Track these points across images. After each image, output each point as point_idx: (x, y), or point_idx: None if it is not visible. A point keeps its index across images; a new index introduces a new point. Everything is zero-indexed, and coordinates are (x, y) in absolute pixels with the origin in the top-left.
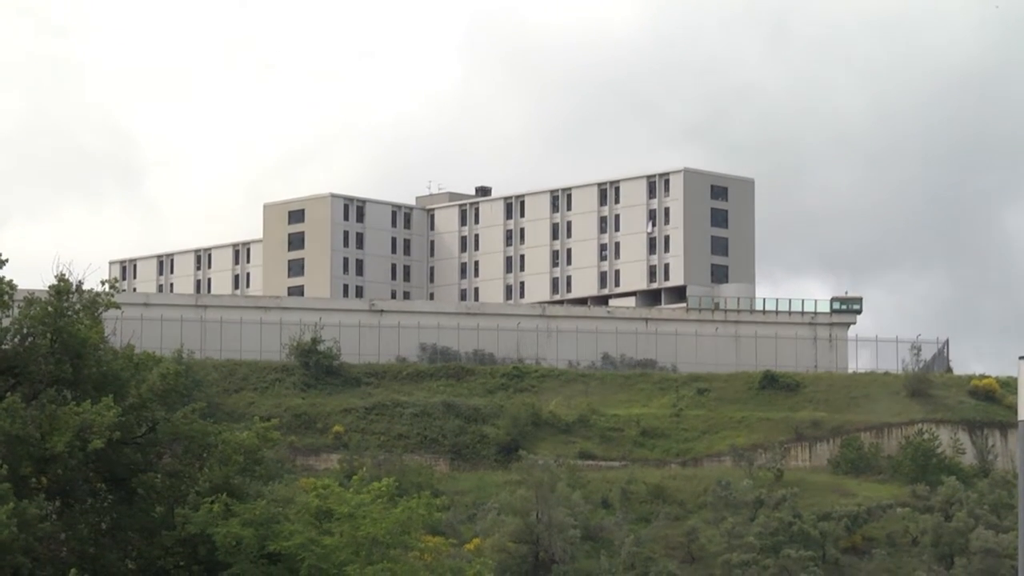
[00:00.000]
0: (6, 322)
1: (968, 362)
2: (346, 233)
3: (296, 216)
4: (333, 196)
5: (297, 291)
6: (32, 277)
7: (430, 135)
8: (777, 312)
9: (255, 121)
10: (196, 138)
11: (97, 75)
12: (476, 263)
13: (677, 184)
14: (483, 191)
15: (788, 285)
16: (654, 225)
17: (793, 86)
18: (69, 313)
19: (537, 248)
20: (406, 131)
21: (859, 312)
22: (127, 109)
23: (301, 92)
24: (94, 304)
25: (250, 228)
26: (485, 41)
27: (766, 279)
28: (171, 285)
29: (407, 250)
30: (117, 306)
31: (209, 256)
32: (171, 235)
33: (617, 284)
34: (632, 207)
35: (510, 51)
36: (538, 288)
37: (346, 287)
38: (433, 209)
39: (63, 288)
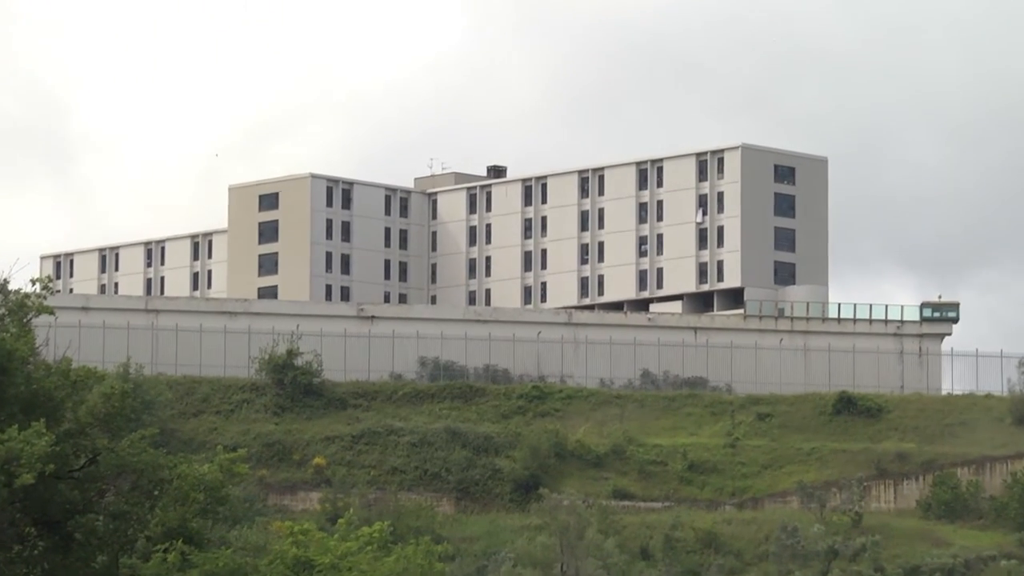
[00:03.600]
0: None
1: None
2: (329, 222)
3: (268, 201)
4: (313, 177)
5: (269, 293)
6: None
7: (431, 102)
8: (855, 320)
9: (215, 86)
10: (143, 107)
11: (25, 31)
12: (488, 259)
13: (733, 163)
14: (496, 171)
15: (860, 286)
16: (705, 213)
17: (871, 44)
18: None
19: (562, 241)
20: (401, 98)
21: (955, 321)
22: (59, 72)
23: (271, 50)
24: (22, 308)
25: (212, 216)
26: None
27: (836, 279)
28: (116, 285)
29: (403, 243)
30: (50, 310)
31: (162, 250)
32: (115, 224)
33: (660, 286)
34: (678, 191)
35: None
36: (563, 290)
37: (329, 288)
38: (435, 193)
39: None
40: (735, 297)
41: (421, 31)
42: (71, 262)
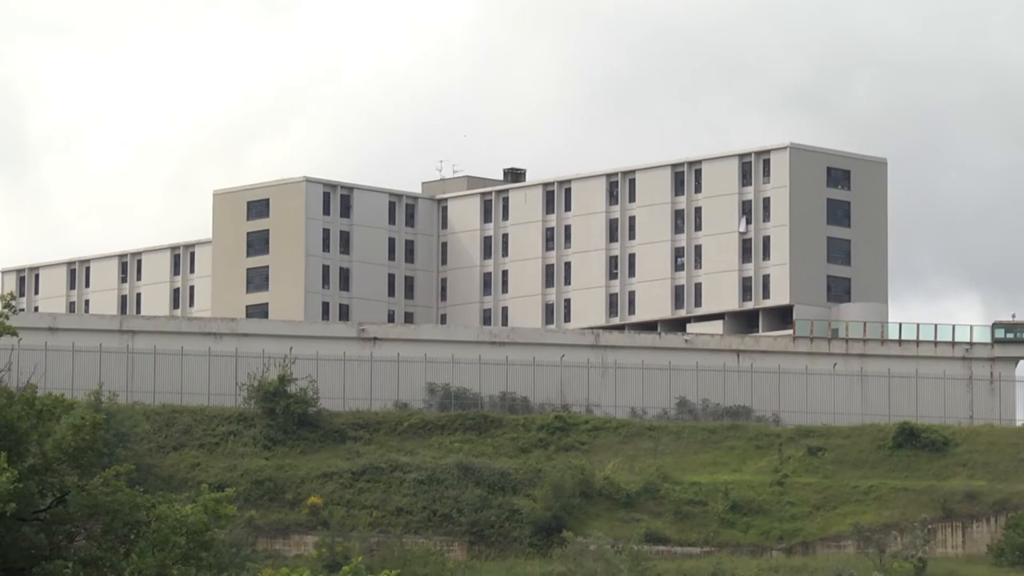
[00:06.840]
0: None
1: None
2: (326, 232)
3: (257, 208)
4: (308, 181)
5: (259, 311)
6: None
7: (440, 98)
8: (918, 343)
9: (194, 76)
10: (113, 100)
11: None
12: (504, 273)
13: (781, 165)
14: (514, 175)
15: (921, 304)
16: (749, 222)
17: (934, 33)
18: None
19: (588, 253)
20: (406, 92)
21: None
22: (14, 64)
23: (256, 36)
24: None
25: (194, 225)
26: None
27: (896, 297)
28: (86, 303)
29: (410, 256)
30: (13, 331)
31: (138, 263)
32: (85, 235)
33: (698, 303)
34: (719, 197)
35: None
36: (590, 308)
37: (326, 306)
38: (446, 199)
39: None
40: (783, 316)
41: (426, 15)
42: (36, 277)
